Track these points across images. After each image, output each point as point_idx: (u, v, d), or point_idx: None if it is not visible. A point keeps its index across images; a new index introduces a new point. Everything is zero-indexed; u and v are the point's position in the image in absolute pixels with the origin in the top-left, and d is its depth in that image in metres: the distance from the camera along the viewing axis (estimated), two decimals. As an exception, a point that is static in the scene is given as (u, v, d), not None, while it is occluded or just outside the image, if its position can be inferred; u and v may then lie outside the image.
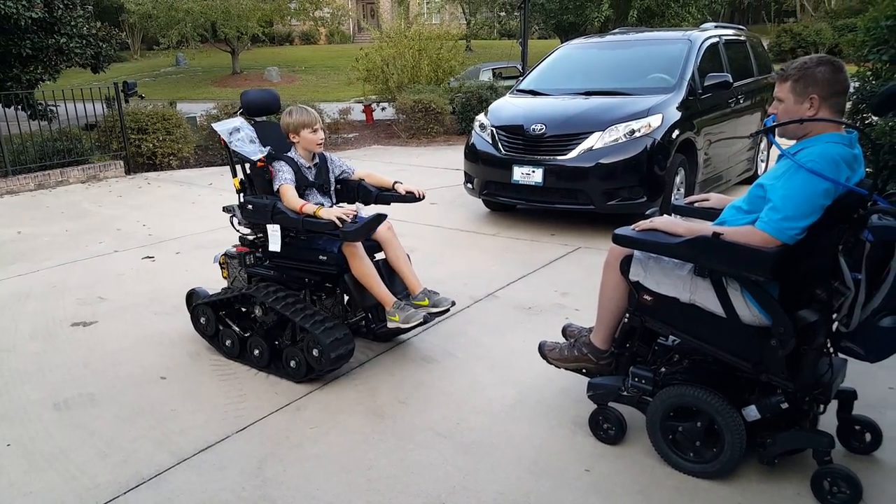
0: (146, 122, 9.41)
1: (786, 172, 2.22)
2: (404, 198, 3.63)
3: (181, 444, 2.74)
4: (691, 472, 2.44)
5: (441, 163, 9.47)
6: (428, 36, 14.50)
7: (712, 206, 2.78)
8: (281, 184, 3.31)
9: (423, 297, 3.36)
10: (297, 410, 2.98)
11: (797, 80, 2.27)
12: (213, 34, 24.68)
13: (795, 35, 26.68)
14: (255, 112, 3.56)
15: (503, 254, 5.24)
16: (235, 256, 3.57)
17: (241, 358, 3.45)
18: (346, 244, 3.20)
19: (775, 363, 2.27)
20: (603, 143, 5.36)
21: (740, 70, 6.87)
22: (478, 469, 2.53)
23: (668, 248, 2.36)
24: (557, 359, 2.83)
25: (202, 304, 3.58)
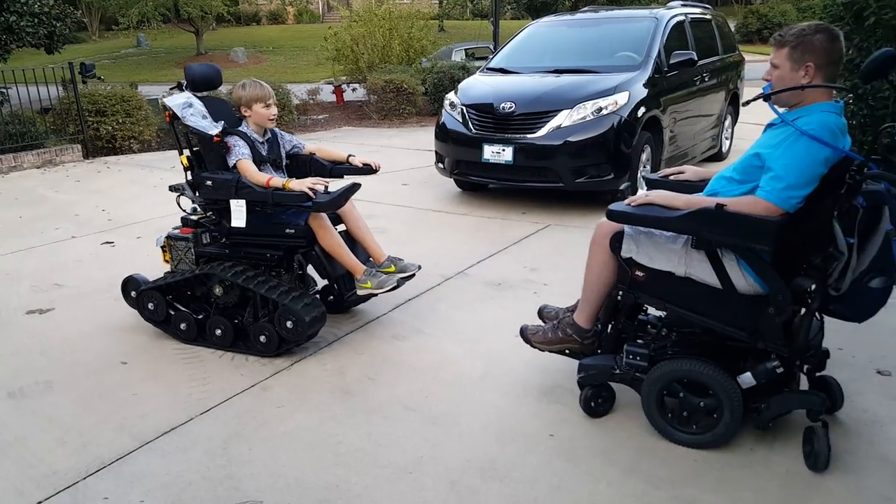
0: (104, 103, 9.14)
1: (785, 140, 2.21)
2: (360, 170, 3.61)
3: (143, 427, 2.69)
4: (691, 443, 2.43)
5: (413, 144, 9.41)
6: (399, 15, 14.33)
7: (688, 179, 2.76)
8: (238, 159, 3.26)
9: (389, 264, 3.44)
10: (263, 391, 2.95)
11: (794, 46, 2.26)
12: (175, 14, 24.07)
13: (762, 16, 26.96)
14: (201, 87, 3.48)
15: (474, 232, 5.24)
16: (182, 238, 3.47)
17: (200, 340, 3.39)
18: (313, 216, 3.20)
19: (773, 330, 2.31)
20: (571, 121, 5.36)
21: (706, 49, 6.93)
22: (445, 439, 2.54)
23: (668, 222, 2.30)
24: (541, 342, 2.77)
25: (149, 290, 3.46)
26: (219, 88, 3.65)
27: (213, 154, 3.36)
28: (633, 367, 2.51)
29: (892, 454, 2.39)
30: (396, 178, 7.19)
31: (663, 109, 5.81)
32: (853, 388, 2.78)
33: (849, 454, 2.39)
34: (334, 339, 3.44)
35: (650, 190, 2.67)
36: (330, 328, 3.53)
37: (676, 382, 2.43)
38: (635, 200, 2.38)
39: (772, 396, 2.38)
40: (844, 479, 2.26)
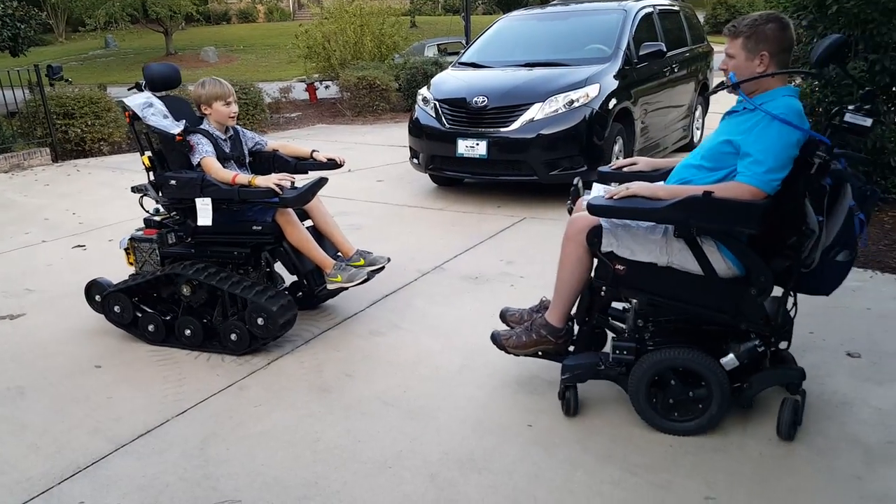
0: (72, 106, 8.96)
1: (756, 125, 2.26)
2: (325, 165, 3.61)
3: (118, 430, 2.66)
4: (684, 431, 2.45)
5: (388, 140, 9.38)
6: (370, 11, 14.26)
7: (642, 170, 2.79)
8: (202, 157, 3.25)
9: (359, 257, 3.46)
10: (240, 390, 2.93)
11: (748, 36, 2.33)
12: (143, 14, 23.66)
13: (730, 7, 27.29)
14: (160, 86, 3.45)
15: (450, 227, 5.25)
16: (146, 240, 3.44)
17: (168, 341, 3.36)
18: (280, 212, 3.20)
19: (755, 311, 2.37)
20: (543, 114, 5.39)
21: (674, 40, 7.00)
22: (424, 433, 2.55)
23: (655, 213, 2.29)
24: (516, 346, 2.69)
25: (115, 293, 3.42)
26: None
27: (175, 153, 3.33)
28: (620, 362, 2.48)
29: (862, 435, 2.44)
30: (371, 174, 7.17)
31: (634, 101, 5.85)
32: (824, 371, 2.84)
33: (820, 436, 2.44)
34: (311, 336, 3.43)
35: (604, 183, 2.74)
36: (306, 325, 3.52)
37: (665, 372, 2.43)
38: (618, 193, 2.34)
39: (752, 375, 2.44)
40: (816, 461, 2.31)
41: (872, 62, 4.54)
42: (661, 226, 2.40)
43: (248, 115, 10.38)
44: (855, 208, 2.27)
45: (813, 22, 4.86)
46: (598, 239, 2.42)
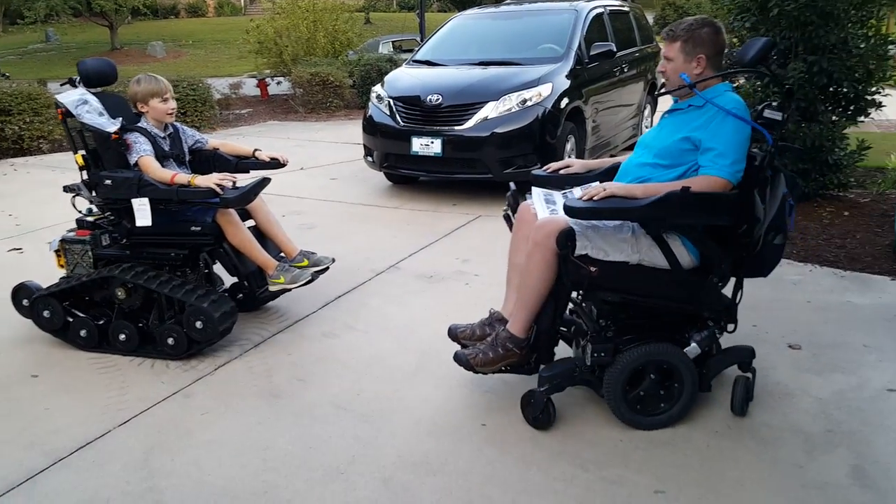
0: (9, 102, 8.57)
1: (712, 120, 2.35)
2: (267, 164, 3.56)
3: (56, 443, 2.54)
4: (661, 424, 2.48)
5: (342, 137, 9.27)
6: (323, 7, 14.09)
7: (576, 172, 2.81)
8: (140, 155, 3.15)
9: (302, 258, 3.41)
10: (186, 398, 2.84)
11: (686, 40, 2.43)
12: (87, 7, 22.84)
13: (678, 8, 27.96)
14: (95, 82, 3.33)
15: (405, 226, 5.21)
16: (79, 241, 3.30)
17: (102, 347, 3.25)
18: (221, 213, 3.14)
19: (716, 298, 2.46)
20: (497, 113, 5.40)
21: (624, 40, 7.13)
22: (377, 436, 2.51)
23: (636, 211, 2.29)
24: (484, 364, 2.53)
25: (44, 297, 3.27)
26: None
27: (111, 152, 3.21)
28: (598, 364, 2.46)
29: (803, 424, 2.52)
30: (325, 172, 7.07)
31: (585, 100, 5.92)
32: (767, 363, 2.92)
33: (764, 426, 2.51)
34: (261, 339, 3.34)
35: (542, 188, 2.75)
36: (256, 328, 3.44)
37: (641, 369, 2.45)
38: (596, 194, 2.31)
39: (708, 359, 2.53)
40: (761, 452, 2.37)
41: (811, 63, 4.69)
42: (628, 224, 2.42)
43: (196, 111, 10.12)
44: (787, 195, 2.41)
45: (755, 24, 5.01)
46: (571, 242, 2.35)
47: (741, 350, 2.63)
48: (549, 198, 2.68)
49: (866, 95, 4.96)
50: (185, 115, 9.98)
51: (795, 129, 4.79)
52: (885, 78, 4.91)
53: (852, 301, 3.60)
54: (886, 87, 5.01)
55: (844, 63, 4.73)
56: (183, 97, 9.91)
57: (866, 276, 3.93)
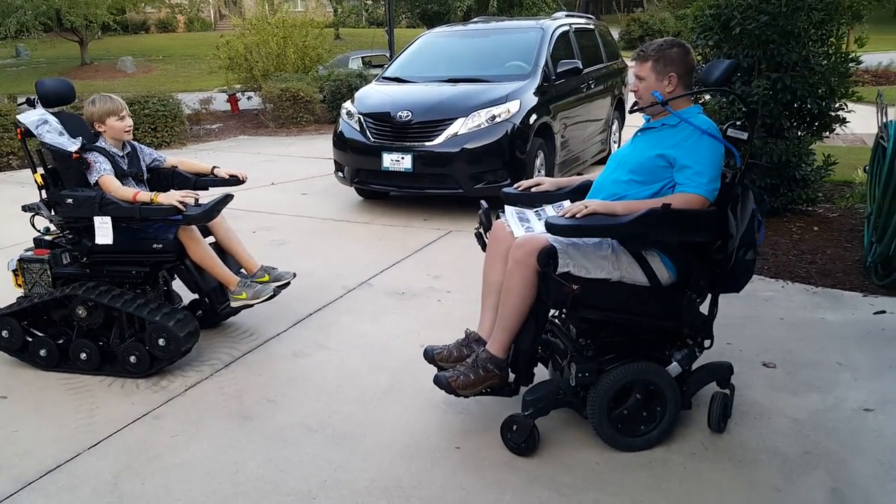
0: (-21, 119, 8.47)
1: (687, 140, 2.41)
2: (227, 181, 3.59)
3: (25, 466, 2.50)
4: (644, 446, 2.48)
5: (312, 152, 9.25)
6: (293, 23, 14.08)
7: (547, 190, 2.83)
8: (101, 175, 3.18)
9: (263, 273, 3.45)
10: (156, 420, 2.81)
11: (657, 60, 2.49)
12: (58, 23, 22.52)
13: (643, 24, 28.52)
14: (53, 102, 3.34)
15: (377, 241, 5.22)
16: (37, 260, 3.29)
17: (62, 367, 3.23)
18: (183, 230, 3.18)
19: (695, 315, 2.50)
20: (467, 129, 5.46)
21: (591, 57, 7.25)
22: (350, 459, 2.51)
23: (618, 228, 2.32)
24: (465, 387, 2.47)
25: (3, 316, 3.25)
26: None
27: (71, 171, 3.23)
28: (582, 384, 2.44)
29: (780, 445, 2.51)
30: (295, 187, 7.07)
31: (553, 116, 6.01)
32: (742, 382, 2.88)
33: (741, 448, 2.51)
34: (231, 359, 3.33)
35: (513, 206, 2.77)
36: (226, 348, 3.43)
37: (625, 388, 2.44)
38: (578, 212, 2.32)
39: (688, 377, 2.55)
40: (737, 474, 2.37)
41: (774, 80, 4.79)
42: (607, 241, 2.44)
43: (166, 127, 10.04)
44: (756, 211, 2.47)
45: (718, 42, 5.12)
46: (552, 260, 2.34)
47: (720, 366, 2.64)
48: (521, 216, 2.70)
49: (830, 112, 5.06)
50: (156, 130, 9.90)
51: (762, 146, 4.88)
52: (848, 94, 5.02)
53: (825, 318, 3.61)
54: (849, 102, 5.11)
55: (807, 80, 4.84)
56: (153, 112, 9.83)
57: (838, 291, 3.94)
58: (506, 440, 2.53)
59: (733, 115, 5.02)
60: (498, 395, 2.57)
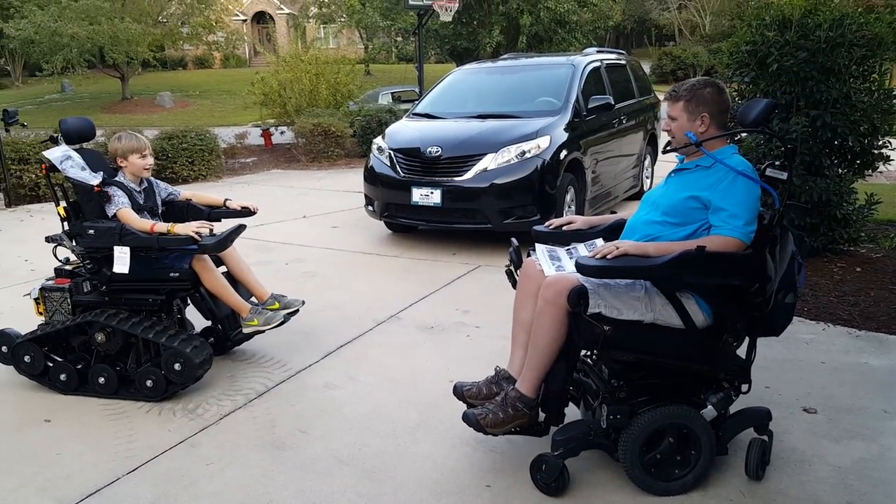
0: (27, 151, 8.79)
1: (721, 181, 2.38)
2: (239, 213, 3.75)
3: (67, 489, 2.58)
4: (679, 491, 2.44)
5: (342, 185, 9.43)
6: (325, 60, 14.47)
7: (580, 229, 2.83)
8: (119, 208, 3.36)
9: (273, 301, 3.59)
10: (192, 447, 2.87)
11: (689, 100, 2.48)
12: (100, 59, 23.48)
13: (675, 58, 28.61)
14: (76, 139, 3.54)
15: (406, 275, 5.28)
16: (58, 289, 3.46)
17: (80, 390, 3.37)
18: (197, 259, 3.35)
19: (731, 358, 2.45)
20: (496, 164, 5.53)
21: (622, 92, 7.29)
22: (380, 494, 2.52)
23: (652, 270, 2.30)
24: (495, 425, 2.47)
25: (26, 342, 3.42)
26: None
27: (92, 204, 3.41)
28: (614, 426, 2.41)
29: (821, 495, 2.43)
30: (326, 220, 7.20)
31: (584, 151, 6.06)
32: (781, 427, 2.83)
33: (780, 495, 2.44)
34: (264, 389, 3.39)
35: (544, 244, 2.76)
36: (260, 378, 3.49)
37: (657, 431, 2.41)
38: (610, 253, 2.30)
39: (724, 421, 2.50)
40: (778, 522, 2.30)
41: (814, 118, 4.70)
42: (640, 283, 2.40)
43: (203, 160, 10.32)
44: (796, 253, 2.42)
45: (755, 79, 5.04)
46: (583, 300, 2.31)
47: (757, 412, 2.59)
48: (553, 254, 2.70)
49: (873, 149, 4.91)
50: (193, 163, 10.20)
51: (801, 184, 4.77)
52: (892, 132, 4.88)
53: (869, 363, 3.50)
54: (893, 139, 4.96)
55: (848, 117, 4.72)
56: (190, 146, 10.14)
57: (882, 336, 3.81)
58: (535, 480, 2.51)
59: (770, 153, 4.95)
60: (527, 435, 2.56)
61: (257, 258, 5.77)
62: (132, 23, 21.64)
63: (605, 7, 23.32)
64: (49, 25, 20.62)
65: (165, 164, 9.98)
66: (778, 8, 4.98)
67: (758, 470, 2.50)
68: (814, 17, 4.76)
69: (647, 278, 2.39)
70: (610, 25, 26.30)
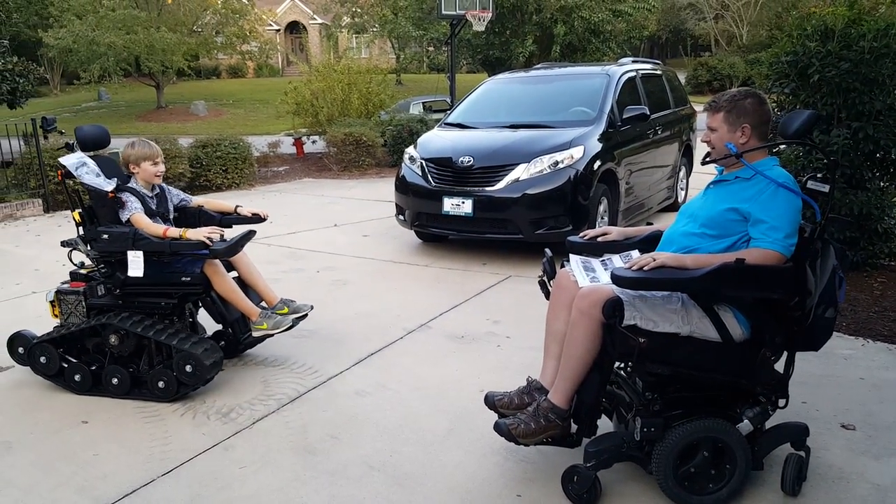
0: (67, 159, 9.06)
1: (761, 193, 2.35)
2: (249, 219, 3.83)
3: (104, 489, 2.63)
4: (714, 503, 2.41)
5: (373, 195, 9.50)
6: (357, 70, 14.62)
7: (614, 240, 2.80)
8: (132, 213, 3.44)
9: (283, 305, 3.67)
10: (225, 451, 2.91)
11: (729, 111, 2.45)
12: (136, 68, 24.10)
13: (711, 68, 28.27)
14: (91, 146, 3.64)
15: (436, 284, 5.29)
16: (73, 292, 3.55)
17: (94, 390, 3.46)
18: (209, 264, 3.42)
19: (768, 372, 2.41)
20: (529, 175, 5.52)
21: (658, 102, 7.23)
22: (411, 501, 2.52)
23: (691, 283, 2.28)
24: (526, 435, 2.47)
25: (42, 343, 3.52)
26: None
27: (106, 209, 3.50)
28: (647, 439, 2.39)
29: None
30: (357, 229, 7.25)
31: (618, 162, 6.02)
32: (819, 443, 2.78)
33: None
34: (296, 395, 3.42)
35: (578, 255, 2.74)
36: (291, 384, 3.52)
37: (691, 445, 2.38)
38: (646, 265, 2.27)
39: (760, 436, 2.47)
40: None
41: (856, 130, 4.62)
42: (676, 295, 2.38)
43: (237, 169, 10.49)
44: (837, 267, 2.37)
45: (795, 90, 4.97)
46: (618, 312, 2.30)
47: (795, 427, 2.55)
48: (587, 265, 2.68)
49: None
50: (227, 171, 10.37)
51: (842, 197, 4.69)
52: None
53: None
54: None
55: (892, 129, 4.64)
56: (224, 155, 10.31)
57: None
58: (567, 491, 2.50)
59: (809, 165, 4.87)
60: (559, 446, 2.55)
61: (289, 266, 5.85)
62: (167, 32, 22.18)
63: (639, 17, 23.16)
64: (87, 35, 21.25)
65: (199, 171, 10.16)
66: (820, 18, 4.91)
67: (794, 486, 2.46)
68: (857, 28, 4.69)
69: (684, 290, 2.36)
70: (645, 35, 26.14)
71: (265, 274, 3.82)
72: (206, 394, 3.43)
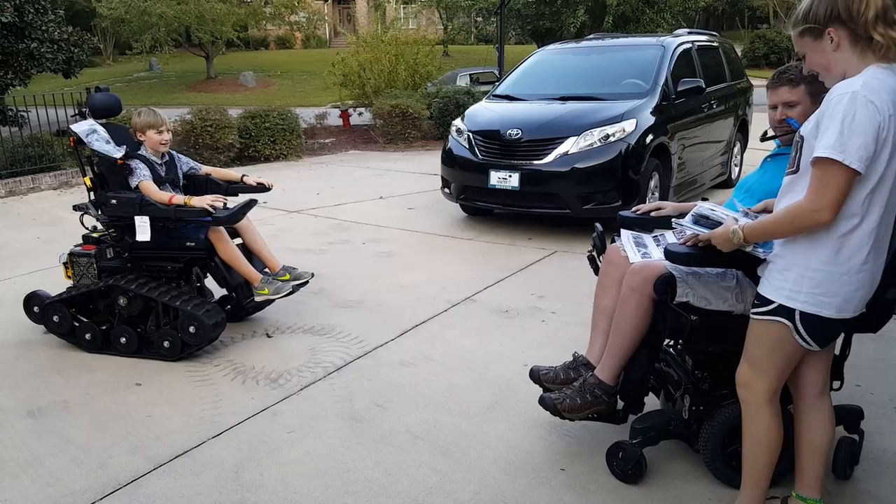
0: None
1: None
2: (255, 188, 3.93)
3: (157, 450, 2.72)
4: None
5: (419, 168, 9.50)
6: (405, 41, 14.55)
7: (668, 214, 2.71)
8: (141, 180, 3.56)
9: (285, 272, 3.80)
10: (274, 416, 2.98)
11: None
12: (187, 39, 24.45)
13: (769, 41, 27.17)
14: (102, 114, 3.75)
15: (480, 258, 5.28)
16: (85, 255, 3.68)
17: (104, 349, 3.60)
18: (213, 230, 3.53)
19: None
20: (578, 148, 5.42)
21: (713, 76, 6.99)
22: (454, 470, 2.55)
23: (744, 260, 2.19)
24: (572, 410, 2.45)
25: (55, 303, 3.66)
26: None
27: (115, 176, 3.62)
28: (695, 418, 2.36)
29: None
30: (402, 202, 7.27)
31: (671, 136, 5.86)
32: (873, 427, 2.68)
33: (869, 497, 2.34)
34: (342, 363, 3.47)
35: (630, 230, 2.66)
36: (339, 352, 3.58)
37: (740, 426, 2.30)
38: (699, 241, 2.16)
39: None
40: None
41: None
42: (731, 272, 2.31)
43: (285, 140, 10.59)
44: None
45: None
46: (670, 289, 2.24)
47: (849, 409, 2.49)
48: (638, 240, 2.62)
49: None
50: (275, 142, 10.49)
51: None
52: None
53: None
54: None
55: None
56: (272, 126, 10.42)
57: None
58: (611, 466, 2.49)
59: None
60: (604, 422, 2.53)
61: (335, 237, 5.91)
62: (217, 3, 22.40)
63: (696, -13, 22.41)
64: (139, 5, 21.62)
65: (249, 142, 10.29)
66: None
67: (846, 469, 2.42)
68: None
69: (739, 268, 2.29)
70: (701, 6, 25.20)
71: (312, 245, 3.89)
72: (256, 359, 3.52)
